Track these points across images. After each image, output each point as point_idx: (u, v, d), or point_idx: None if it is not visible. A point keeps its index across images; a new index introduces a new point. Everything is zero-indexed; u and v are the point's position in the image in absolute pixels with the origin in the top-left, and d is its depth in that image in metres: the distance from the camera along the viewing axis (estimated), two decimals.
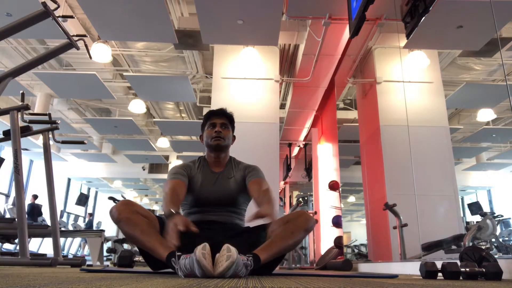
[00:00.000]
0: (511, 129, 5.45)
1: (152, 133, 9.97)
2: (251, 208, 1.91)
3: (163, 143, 9.51)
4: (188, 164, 1.85)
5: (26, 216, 2.67)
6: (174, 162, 11.63)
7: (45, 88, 6.79)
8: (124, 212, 1.48)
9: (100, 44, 5.12)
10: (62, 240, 7.53)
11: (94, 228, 10.61)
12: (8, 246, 6.07)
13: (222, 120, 1.82)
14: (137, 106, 7.28)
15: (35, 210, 7.81)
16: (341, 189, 5.51)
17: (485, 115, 5.31)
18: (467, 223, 4.40)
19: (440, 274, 1.46)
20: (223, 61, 5.29)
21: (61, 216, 11.17)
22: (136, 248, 6.13)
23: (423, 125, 4.17)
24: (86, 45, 2.76)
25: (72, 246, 9.65)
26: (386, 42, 4.72)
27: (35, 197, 8.04)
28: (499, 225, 4.34)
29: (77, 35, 2.61)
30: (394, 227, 3.51)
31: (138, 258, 3.85)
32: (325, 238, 6.29)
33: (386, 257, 3.96)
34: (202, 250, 1.22)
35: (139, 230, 1.47)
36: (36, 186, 9.65)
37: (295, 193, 12.67)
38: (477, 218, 4.31)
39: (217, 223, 1.71)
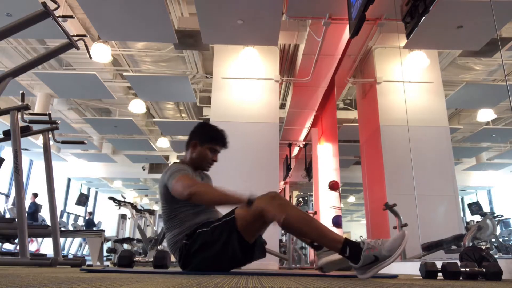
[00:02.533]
0: (511, 129, 5.46)
1: (152, 133, 9.97)
2: None
3: (163, 143, 9.51)
4: (185, 165, 1.89)
5: (27, 215, 2.67)
6: None
7: (45, 88, 6.79)
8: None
9: (100, 44, 5.12)
10: (62, 240, 7.53)
11: (94, 228, 10.57)
12: (8, 246, 6.07)
13: (221, 151, 1.98)
14: (137, 106, 7.28)
15: (38, 208, 7.82)
16: (341, 189, 5.51)
17: (485, 115, 5.31)
18: (467, 223, 4.40)
19: (440, 274, 1.46)
20: (223, 61, 5.29)
21: (61, 216, 11.15)
22: (136, 248, 6.14)
23: (423, 125, 4.17)
24: (86, 45, 2.75)
25: (72, 246, 9.65)
26: (386, 42, 4.71)
27: (35, 195, 8.03)
28: (499, 225, 4.34)
29: (77, 35, 2.61)
30: (394, 227, 3.51)
31: (138, 258, 3.85)
32: None
33: None
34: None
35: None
36: (36, 186, 9.64)
37: (295, 193, 12.66)
38: (477, 218, 4.32)
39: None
